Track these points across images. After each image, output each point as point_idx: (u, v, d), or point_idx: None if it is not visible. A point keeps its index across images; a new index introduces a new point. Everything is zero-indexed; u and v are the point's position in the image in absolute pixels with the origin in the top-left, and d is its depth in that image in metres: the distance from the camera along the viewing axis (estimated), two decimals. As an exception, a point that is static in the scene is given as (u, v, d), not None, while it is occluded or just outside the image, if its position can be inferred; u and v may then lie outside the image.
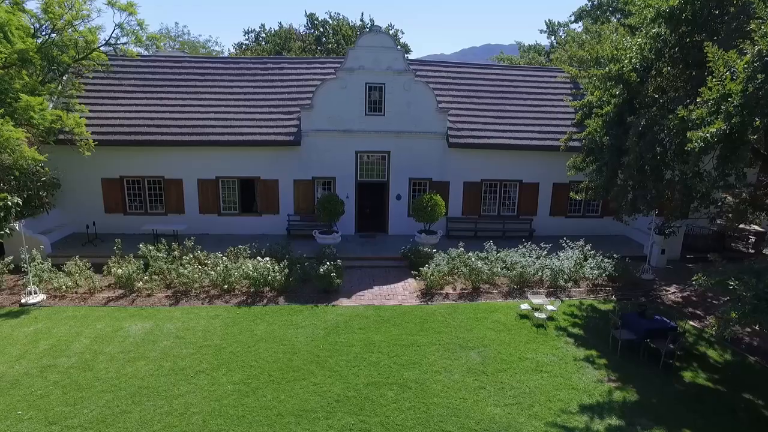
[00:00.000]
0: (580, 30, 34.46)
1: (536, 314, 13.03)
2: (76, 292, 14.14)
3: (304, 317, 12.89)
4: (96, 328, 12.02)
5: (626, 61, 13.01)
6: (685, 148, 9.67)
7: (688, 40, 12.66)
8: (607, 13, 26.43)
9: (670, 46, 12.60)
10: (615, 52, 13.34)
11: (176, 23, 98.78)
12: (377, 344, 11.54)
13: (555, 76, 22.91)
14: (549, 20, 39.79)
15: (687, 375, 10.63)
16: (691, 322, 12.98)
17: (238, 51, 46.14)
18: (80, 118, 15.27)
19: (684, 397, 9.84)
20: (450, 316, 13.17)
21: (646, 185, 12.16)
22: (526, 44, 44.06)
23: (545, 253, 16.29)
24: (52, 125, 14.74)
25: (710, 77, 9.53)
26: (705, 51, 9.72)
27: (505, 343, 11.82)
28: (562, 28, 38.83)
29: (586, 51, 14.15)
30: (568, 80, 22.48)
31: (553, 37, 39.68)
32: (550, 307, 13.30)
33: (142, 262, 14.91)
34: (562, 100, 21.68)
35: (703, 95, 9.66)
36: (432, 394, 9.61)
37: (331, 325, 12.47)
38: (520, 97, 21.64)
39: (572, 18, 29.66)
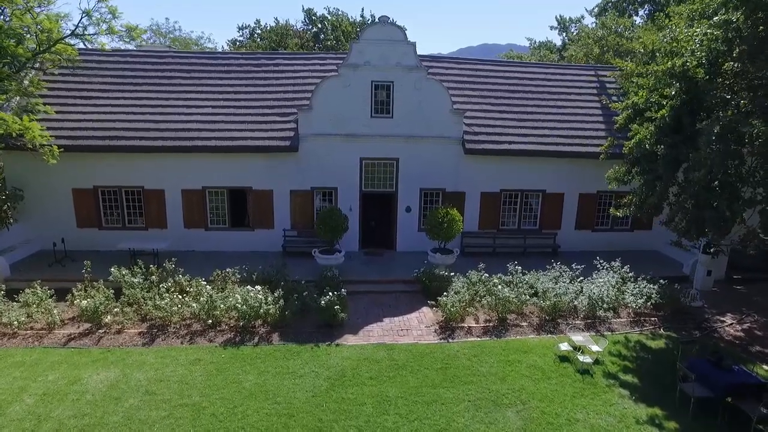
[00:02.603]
0: (593, 26, 32.41)
1: (580, 357, 10.92)
2: (31, 328, 11.91)
3: (302, 362, 10.73)
4: (47, 380, 9.80)
5: (688, 55, 10.89)
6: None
7: (761, 28, 10.57)
8: (635, 5, 24.33)
9: (743, 36, 10.49)
10: (674, 44, 11.20)
11: (167, 19, 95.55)
12: (393, 401, 9.39)
13: (579, 74, 20.80)
14: (560, 16, 37.70)
15: (785, 448, 8.54)
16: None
17: (231, 48, 43.81)
18: (31, 121, 12.95)
19: (786, 480, 7.77)
20: (476, 359, 11.04)
21: (716, 205, 10.03)
22: (537, 41, 41.94)
23: (581, 278, 14.16)
24: (-7, 130, 12.49)
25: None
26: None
27: (547, 398, 9.70)
28: (574, 24, 36.72)
29: (639, 44, 12.01)
30: (595, 79, 20.44)
31: (564, 34, 37.55)
32: (594, 348, 11.18)
33: (112, 290, 12.68)
34: (590, 100, 19.58)
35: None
36: (468, 481, 7.49)
37: (336, 373, 10.31)
38: (542, 98, 19.46)
39: (595, 11, 27.54)
